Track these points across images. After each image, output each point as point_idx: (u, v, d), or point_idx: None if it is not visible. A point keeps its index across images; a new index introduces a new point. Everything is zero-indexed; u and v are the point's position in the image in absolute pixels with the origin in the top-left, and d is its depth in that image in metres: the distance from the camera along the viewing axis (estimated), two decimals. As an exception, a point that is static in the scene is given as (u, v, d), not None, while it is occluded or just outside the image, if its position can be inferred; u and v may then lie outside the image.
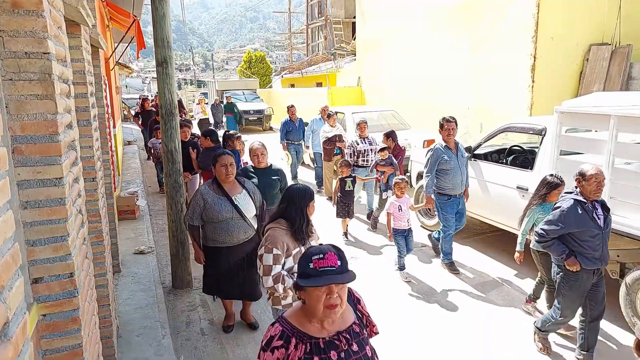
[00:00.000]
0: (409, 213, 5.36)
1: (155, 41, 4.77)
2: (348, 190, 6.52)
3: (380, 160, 6.78)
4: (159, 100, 4.87)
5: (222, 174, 3.77)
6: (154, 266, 5.40)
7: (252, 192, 3.94)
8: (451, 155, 5.34)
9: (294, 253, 2.92)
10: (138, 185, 9.08)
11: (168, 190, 4.91)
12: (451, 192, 5.41)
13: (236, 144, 5.99)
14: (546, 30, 8.36)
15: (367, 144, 7.23)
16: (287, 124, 9.75)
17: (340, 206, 6.57)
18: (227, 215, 3.75)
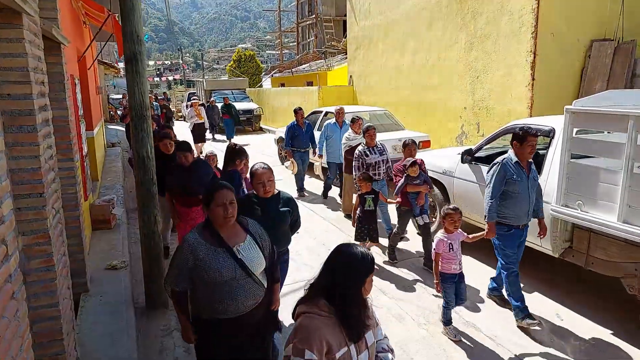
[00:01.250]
0: (461, 252, 4.23)
1: (124, 35, 4.28)
2: (369, 209, 5.49)
3: (411, 178, 5.43)
4: (128, 101, 4.38)
5: (220, 216, 2.62)
6: (127, 284, 4.91)
7: (259, 237, 2.79)
8: (522, 175, 4.22)
9: (339, 356, 1.90)
10: (118, 191, 8.56)
11: (140, 201, 4.43)
12: (514, 221, 4.29)
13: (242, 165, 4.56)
14: (546, 26, 7.96)
15: (378, 154, 6.23)
16: (293, 129, 8.78)
17: (359, 228, 5.57)
18: (228, 275, 2.58)
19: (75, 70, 6.47)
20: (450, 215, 4.14)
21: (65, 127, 4.32)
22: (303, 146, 8.82)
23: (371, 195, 5.52)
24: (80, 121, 5.96)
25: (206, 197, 2.65)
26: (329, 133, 8.16)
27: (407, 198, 5.48)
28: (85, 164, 6.05)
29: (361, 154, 6.20)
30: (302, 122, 8.82)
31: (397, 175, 5.62)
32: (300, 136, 8.73)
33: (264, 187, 3.39)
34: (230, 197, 2.64)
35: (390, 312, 4.64)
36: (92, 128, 8.67)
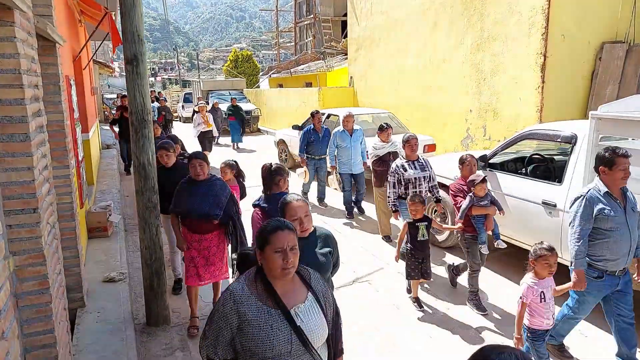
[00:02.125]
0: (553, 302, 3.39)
1: (124, 35, 4.01)
2: (422, 240, 4.58)
3: (477, 199, 4.51)
4: (128, 104, 4.11)
5: (278, 266, 1.93)
6: (126, 298, 4.63)
7: (323, 295, 2.12)
8: (616, 207, 3.37)
9: None
10: (114, 196, 8.26)
11: (140, 211, 4.15)
12: (609, 266, 3.43)
13: (287, 185, 3.84)
14: (557, 27, 7.75)
15: (419, 169, 5.38)
16: (308, 134, 8.00)
17: (411, 262, 4.62)
18: (281, 349, 1.91)
19: (71, 71, 6.19)
20: (544, 258, 3.26)
21: (60, 132, 4.05)
22: (319, 153, 8.07)
23: (424, 223, 4.59)
24: (76, 124, 5.68)
25: (260, 239, 1.99)
26: (339, 142, 7.45)
27: (472, 223, 4.57)
28: (81, 169, 5.77)
29: (398, 169, 5.35)
30: (320, 126, 8.10)
31: (457, 196, 4.69)
32: (316, 142, 8.00)
33: (301, 224, 2.61)
34: (292, 240, 1.97)
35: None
36: (88, 130, 8.37)
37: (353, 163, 7.40)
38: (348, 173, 7.49)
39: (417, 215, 4.56)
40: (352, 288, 5.22)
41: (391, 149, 6.41)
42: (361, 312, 4.67)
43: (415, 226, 4.58)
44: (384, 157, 6.41)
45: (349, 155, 7.39)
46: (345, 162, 7.45)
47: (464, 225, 4.58)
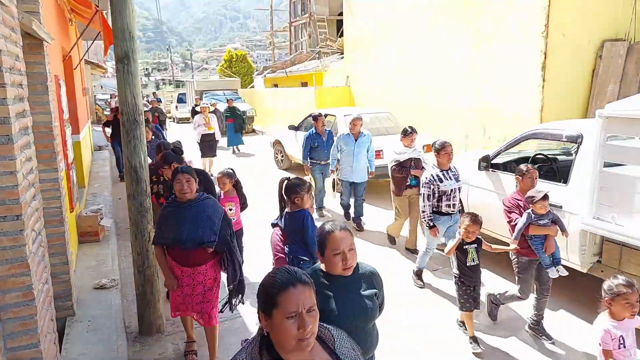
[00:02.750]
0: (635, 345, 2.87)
1: (115, 32, 3.84)
2: (473, 265, 3.97)
3: (536, 217, 3.87)
4: (119, 104, 3.94)
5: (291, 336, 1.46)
6: (117, 305, 4.46)
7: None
8: None
9: None
10: (106, 199, 8.07)
11: (132, 216, 3.98)
12: None
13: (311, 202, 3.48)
14: (557, 25, 7.64)
15: (454, 180, 4.83)
16: (311, 138, 7.49)
17: (462, 291, 4.01)
18: None
19: (60, 70, 6.01)
20: (625, 297, 2.72)
21: (48, 134, 3.87)
22: (324, 158, 7.51)
23: (474, 245, 3.98)
24: (66, 126, 5.50)
25: (265, 300, 1.49)
26: (343, 146, 6.86)
27: (530, 244, 3.96)
28: (71, 172, 5.59)
29: (434, 180, 4.76)
30: (323, 130, 7.58)
31: (512, 212, 4.07)
32: (320, 147, 7.45)
33: (344, 260, 2.02)
34: (309, 299, 1.48)
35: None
36: (79, 131, 8.18)
37: (354, 170, 6.81)
38: (348, 181, 6.92)
39: (469, 236, 3.92)
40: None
41: (413, 155, 5.87)
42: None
43: (464, 249, 3.96)
44: (404, 164, 5.85)
45: (351, 162, 6.81)
46: (345, 169, 6.87)
47: (519, 247, 3.98)
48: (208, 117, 10.77)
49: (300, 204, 3.28)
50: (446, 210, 4.82)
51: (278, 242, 3.27)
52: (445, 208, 4.80)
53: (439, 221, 4.83)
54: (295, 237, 3.35)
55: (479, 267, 4.04)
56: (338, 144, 6.96)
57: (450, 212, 4.83)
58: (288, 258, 3.34)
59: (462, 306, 4.03)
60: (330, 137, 7.62)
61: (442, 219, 4.83)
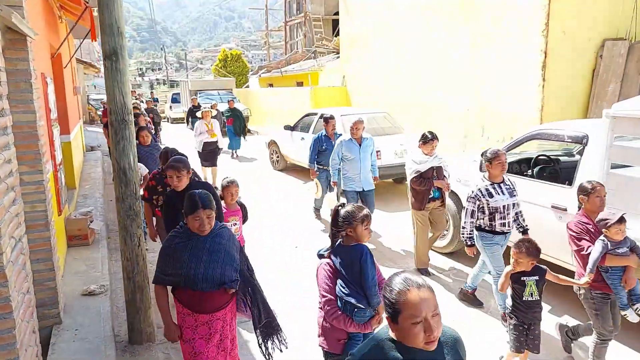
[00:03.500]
0: None
1: (103, 28, 3.66)
2: (531, 300, 3.35)
3: (612, 244, 3.30)
4: (107, 103, 3.76)
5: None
6: (106, 312, 4.27)
7: None
8: None
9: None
10: (97, 201, 7.87)
11: (121, 220, 3.80)
12: None
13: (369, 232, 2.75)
14: (558, 24, 7.52)
15: (507, 195, 4.12)
16: (320, 141, 7.05)
17: (514, 328, 3.44)
18: None
19: (48, 68, 5.81)
20: None
21: (32, 134, 3.68)
22: None
23: (534, 277, 3.34)
24: (53, 126, 5.30)
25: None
26: (346, 153, 6.16)
27: (605, 277, 3.38)
28: (59, 173, 5.40)
29: (482, 194, 4.09)
30: (333, 133, 7.08)
31: (582, 239, 3.43)
32: (329, 151, 6.84)
33: (428, 330, 1.50)
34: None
35: None
36: (69, 132, 7.98)
37: (362, 179, 6.16)
38: (355, 191, 6.20)
39: (522, 265, 3.29)
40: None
41: (434, 163, 5.21)
42: None
43: (521, 281, 3.35)
44: (425, 174, 5.17)
45: (357, 169, 6.13)
46: (352, 178, 6.17)
47: (592, 280, 3.36)
48: (211, 123, 9.49)
49: (355, 236, 2.65)
50: (501, 229, 4.14)
51: (327, 280, 2.63)
52: (500, 227, 4.11)
53: (492, 241, 4.16)
54: (349, 276, 2.61)
55: (539, 304, 3.37)
56: (339, 152, 6.23)
57: (505, 231, 4.17)
58: (340, 302, 2.62)
59: (512, 344, 3.47)
60: None
61: (496, 238, 4.16)
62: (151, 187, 4.56)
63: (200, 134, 9.42)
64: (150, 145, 6.59)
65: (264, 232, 6.82)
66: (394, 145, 8.50)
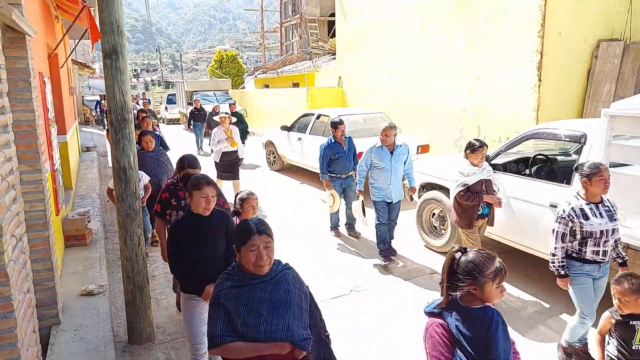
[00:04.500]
0: None
1: (102, 27, 3.65)
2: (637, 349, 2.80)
3: None
4: (107, 102, 3.75)
5: None
6: (105, 312, 4.25)
7: None
8: None
9: None
10: (94, 201, 7.84)
11: (121, 219, 3.79)
12: None
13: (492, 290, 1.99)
14: (554, 24, 7.57)
15: (606, 218, 3.43)
16: (330, 148, 6.41)
17: None
18: None
19: (46, 67, 5.78)
20: None
21: (31, 133, 3.66)
22: (345, 170, 6.52)
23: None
24: (51, 125, 5.28)
25: None
26: (376, 161, 5.62)
27: None
28: (56, 173, 5.37)
29: (575, 215, 3.44)
30: (343, 138, 6.52)
31: None
32: (342, 158, 6.41)
33: None
34: None
35: None
36: (65, 132, 7.94)
37: (393, 189, 5.65)
38: (384, 201, 5.67)
39: (630, 309, 2.77)
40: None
41: (484, 175, 4.59)
42: None
43: (628, 326, 2.80)
44: (473, 187, 4.56)
45: (387, 179, 5.60)
46: (382, 187, 5.64)
47: None
48: (230, 130, 8.16)
49: (481, 296, 1.95)
50: (592, 258, 3.43)
51: (442, 349, 1.92)
52: (591, 255, 3.42)
53: (581, 271, 3.48)
54: (472, 347, 1.90)
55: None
56: (368, 159, 5.70)
57: (598, 260, 3.44)
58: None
59: None
60: (352, 145, 6.61)
61: (586, 267, 3.46)
62: (164, 201, 3.94)
63: (218, 143, 8.10)
64: (154, 150, 6.09)
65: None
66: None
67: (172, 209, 3.92)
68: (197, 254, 2.95)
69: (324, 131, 9.33)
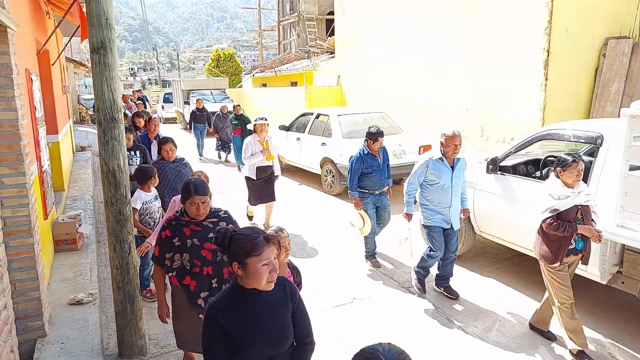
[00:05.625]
0: None
1: (90, 19, 3.40)
2: None
3: None
4: (95, 100, 3.50)
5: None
6: (95, 324, 4.01)
7: None
8: None
9: None
10: (87, 203, 7.59)
11: (110, 225, 3.55)
12: None
13: None
14: (561, 22, 7.35)
15: None
16: (363, 161, 5.31)
17: None
18: None
19: (34, 64, 5.53)
20: None
21: (14, 134, 3.42)
22: (380, 185, 5.42)
23: None
24: (39, 125, 5.03)
25: None
26: (434, 178, 4.50)
27: None
28: (45, 175, 5.12)
29: None
30: (378, 149, 5.39)
31: None
32: (376, 172, 5.34)
33: None
34: None
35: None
36: (57, 131, 7.70)
37: (453, 212, 4.58)
38: (440, 227, 4.58)
39: None
40: None
41: (580, 200, 3.61)
42: None
43: None
44: (565, 214, 3.59)
45: (447, 199, 4.52)
46: (440, 210, 4.55)
47: None
48: (266, 140, 6.62)
49: None
50: None
51: None
52: None
53: None
54: None
55: None
56: (422, 175, 4.54)
57: None
58: None
59: None
60: (386, 156, 5.54)
61: None
62: (165, 241, 3.01)
63: (252, 156, 6.50)
64: (176, 160, 5.03)
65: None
66: (393, 146, 8.28)
67: (175, 252, 2.98)
68: None
69: (323, 131, 9.11)
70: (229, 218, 3.14)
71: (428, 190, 4.57)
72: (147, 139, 6.85)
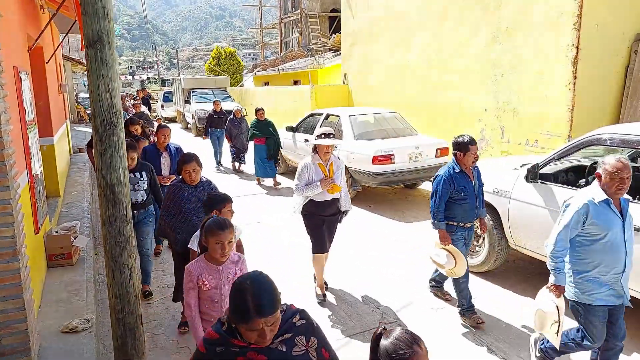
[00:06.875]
0: None
1: (85, 9, 2.91)
2: None
3: None
4: (90, 102, 3.01)
5: None
6: (91, 355, 3.54)
7: None
8: None
9: None
10: (84, 210, 7.10)
11: (108, 247, 3.06)
12: None
13: None
14: (591, 16, 6.87)
15: None
16: (452, 181, 4.04)
17: None
18: None
19: (24, 61, 5.04)
20: None
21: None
22: (472, 217, 4.22)
23: None
24: (29, 129, 4.54)
25: None
26: (597, 231, 2.98)
27: None
28: (36, 184, 4.64)
29: None
30: (471, 169, 4.16)
31: None
32: (469, 197, 4.09)
33: None
34: None
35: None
36: (53, 134, 7.22)
37: (624, 279, 3.05)
38: (606, 306, 3.07)
39: None
40: None
41: None
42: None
43: None
44: None
45: (619, 262, 3.01)
46: (608, 279, 3.02)
47: None
48: (330, 163, 4.52)
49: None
50: None
51: None
52: None
53: None
54: None
55: None
56: (577, 224, 2.98)
57: None
58: None
59: None
60: (480, 178, 4.27)
61: None
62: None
63: (307, 186, 4.45)
64: (200, 184, 3.97)
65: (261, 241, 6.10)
66: (409, 149, 7.81)
67: None
68: None
69: (334, 133, 8.61)
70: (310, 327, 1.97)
71: (586, 250, 3.04)
72: (155, 151, 5.67)
